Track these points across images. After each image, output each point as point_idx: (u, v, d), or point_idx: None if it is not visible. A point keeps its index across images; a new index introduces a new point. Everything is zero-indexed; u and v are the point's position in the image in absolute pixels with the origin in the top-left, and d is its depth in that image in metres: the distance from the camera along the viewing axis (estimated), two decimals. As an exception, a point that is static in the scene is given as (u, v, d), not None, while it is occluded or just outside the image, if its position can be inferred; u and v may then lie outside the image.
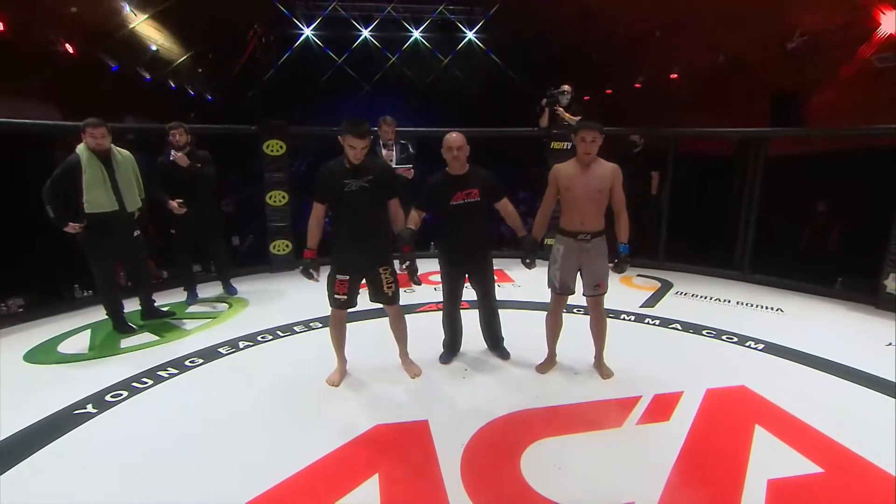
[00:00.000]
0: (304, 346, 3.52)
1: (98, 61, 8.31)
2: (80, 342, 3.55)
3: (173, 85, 11.15)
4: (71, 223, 3.45)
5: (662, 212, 5.56)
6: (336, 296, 2.84)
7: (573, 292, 2.97)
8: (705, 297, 4.58)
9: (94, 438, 2.40)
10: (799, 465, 2.21)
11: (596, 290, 2.92)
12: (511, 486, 2.07)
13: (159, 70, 10.06)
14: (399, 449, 2.32)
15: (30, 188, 5.17)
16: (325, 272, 2.84)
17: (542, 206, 3.01)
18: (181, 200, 4.11)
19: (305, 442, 2.35)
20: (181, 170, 4.12)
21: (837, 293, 4.62)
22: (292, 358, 3.33)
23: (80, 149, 3.50)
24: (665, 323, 3.90)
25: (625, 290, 4.76)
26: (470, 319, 3.33)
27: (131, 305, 4.00)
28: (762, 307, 4.34)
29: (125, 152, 3.68)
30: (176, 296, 4.53)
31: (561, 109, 5.53)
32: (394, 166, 4.44)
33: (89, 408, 2.64)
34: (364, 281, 2.88)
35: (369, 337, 3.40)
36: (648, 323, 3.92)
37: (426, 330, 3.36)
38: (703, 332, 3.70)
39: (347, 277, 2.81)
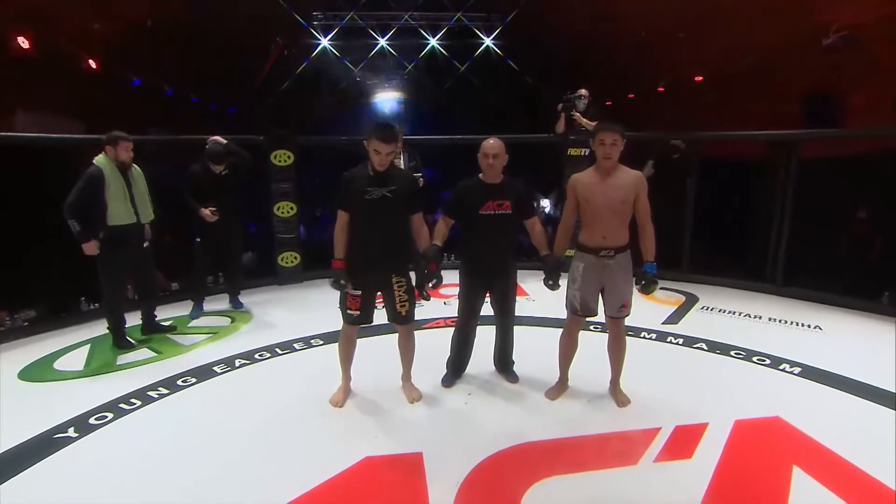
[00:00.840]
0: (302, 364, 3.37)
1: (120, 75, 8.48)
2: (78, 358, 3.48)
3: (195, 97, 11.36)
4: (93, 240, 3.44)
5: (687, 220, 5.25)
6: (349, 311, 2.68)
7: (595, 314, 2.72)
8: (734, 313, 4.25)
9: (69, 467, 2.27)
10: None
11: (620, 312, 2.67)
12: (508, 534, 1.84)
13: (180, 83, 10.22)
14: (387, 487, 2.12)
15: (44, 200, 5.26)
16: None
17: (562, 221, 2.77)
18: (214, 208, 4.10)
19: (288, 475, 2.17)
20: (212, 179, 4.14)
21: (884, 309, 4.22)
22: (288, 378, 3.17)
23: (102, 161, 3.49)
24: (689, 342, 3.60)
25: (646, 305, 4.43)
26: (480, 337, 3.10)
27: (133, 319, 3.92)
28: (798, 324, 3.99)
29: (136, 167, 3.68)
30: (181, 308, 4.45)
31: (578, 114, 5.29)
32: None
33: (70, 432, 2.52)
34: (380, 296, 2.72)
35: (376, 353, 3.18)
36: (671, 342, 3.62)
37: (434, 346, 3.14)
38: (732, 353, 3.39)
39: (360, 292, 2.65)
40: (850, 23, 5.82)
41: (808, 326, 3.94)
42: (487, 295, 2.95)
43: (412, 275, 2.77)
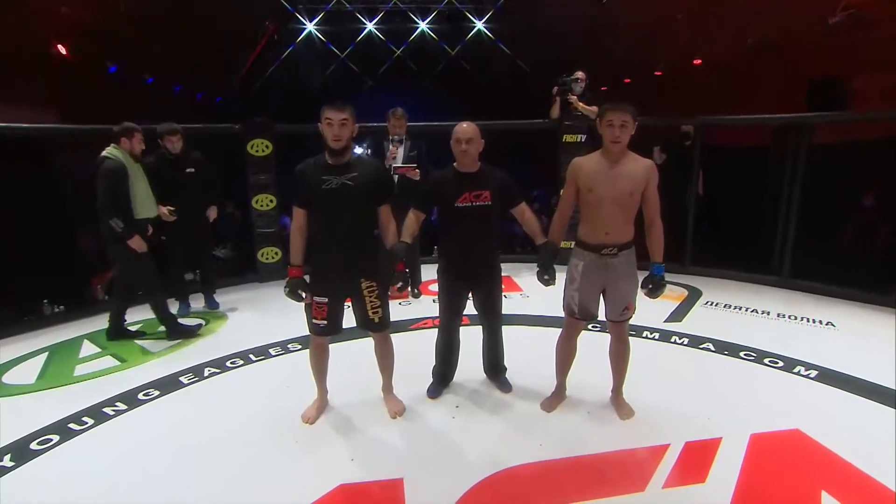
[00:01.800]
0: (277, 373, 3.09)
1: (96, 63, 8.06)
2: (31, 369, 3.19)
3: (177, 86, 10.93)
4: (136, 235, 3.33)
5: (688, 210, 4.99)
6: (314, 321, 2.40)
7: (595, 317, 2.46)
8: (740, 308, 4.00)
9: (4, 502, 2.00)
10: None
11: (623, 315, 2.41)
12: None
13: (162, 71, 9.79)
14: (362, 521, 1.86)
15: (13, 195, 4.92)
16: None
17: (558, 209, 2.48)
18: (171, 208, 3.79)
19: (251, 508, 1.92)
20: (169, 171, 3.83)
21: (896, 302, 3.99)
22: (260, 389, 2.90)
23: (116, 154, 3.34)
24: (695, 342, 3.35)
25: (647, 300, 4.16)
26: (469, 339, 2.84)
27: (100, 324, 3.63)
28: (809, 320, 3.75)
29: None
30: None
31: (574, 98, 4.98)
32: (397, 164, 3.98)
33: (6, 460, 2.24)
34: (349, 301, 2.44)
35: (358, 359, 2.88)
36: (675, 342, 3.37)
37: (421, 350, 2.88)
38: (741, 355, 3.15)
39: (326, 300, 2.37)
40: (857, 0, 5.53)
41: (820, 323, 3.71)
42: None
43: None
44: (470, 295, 2.66)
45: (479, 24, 11.43)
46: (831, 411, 2.53)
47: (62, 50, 7.15)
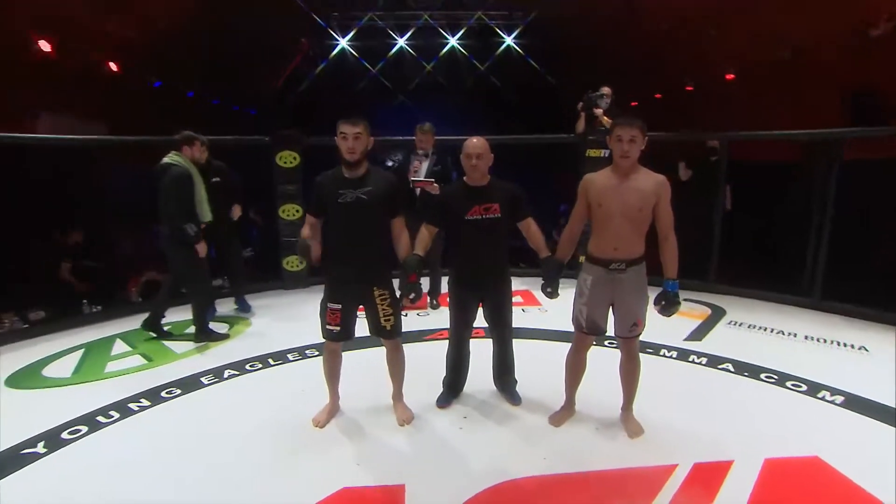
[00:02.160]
0: (294, 377, 3.18)
1: (141, 78, 8.55)
2: (68, 364, 3.39)
3: (215, 99, 11.45)
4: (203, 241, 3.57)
5: (714, 225, 4.87)
6: (328, 327, 2.48)
7: (604, 332, 2.45)
8: (765, 329, 3.87)
9: (30, 488, 2.13)
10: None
11: (632, 331, 2.39)
12: None
13: (201, 84, 10.29)
14: (361, 525, 1.90)
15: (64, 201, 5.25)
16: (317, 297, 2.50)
17: (569, 224, 2.49)
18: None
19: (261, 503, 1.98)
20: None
21: (939, 328, 3.78)
22: (278, 392, 2.99)
23: (180, 161, 3.55)
24: (714, 362, 3.26)
25: (669, 318, 4.11)
26: (481, 351, 2.86)
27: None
28: (839, 344, 3.59)
29: None
30: (183, 313, 4.34)
31: (600, 112, 4.98)
32: (416, 178, 4.06)
33: (40, 447, 2.39)
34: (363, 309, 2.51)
35: (370, 368, 2.94)
36: (693, 361, 3.29)
37: (434, 360, 2.88)
38: (762, 377, 3.04)
39: (340, 306, 2.45)
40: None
41: (852, 347, 3.55)
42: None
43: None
44: (480, 307, 2.69)
45: (509, 40, 11.51)
46: (855, 439, 2.42)
47: (113, 66, 7.64)
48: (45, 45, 6.38)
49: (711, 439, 2.38)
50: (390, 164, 4.36)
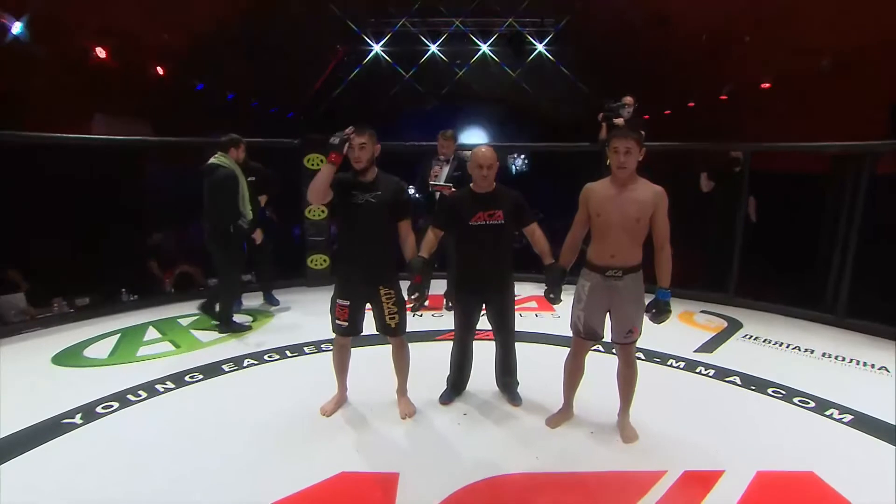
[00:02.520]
0: (308, 369, 3.36)
1: (185, 81, 9.05)
2: (106, 347, 3.67)
3: (254, 101, 11.97)
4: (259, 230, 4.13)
5: (735, 237, 4.79)
6: (337, 321, 2.64)
7: (601, 338, 2.51)
8: (781, 345, 3.80)
9: (67, 453, 2.37)
10: None
11: (627, 337, 2.44)
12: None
13: (240, 88, 10.79)
14: (354, 506, 2.03)
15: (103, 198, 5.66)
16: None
17: (570, 233, 2.56)
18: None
19: (261, 483, 2.14)
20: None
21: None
22: (291, 381, 3.18)
23: (227, 162, 3.84)
24: (721, 374, 3.25)
25: (682, 329, 4.11)
26: (487, 353, 2.96)
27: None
28: (858, 363, 3.50)
29: None
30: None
31: (621, 121, 4.99)
32: (435, 183, 4.19)
33: (77, 418, 2.64)
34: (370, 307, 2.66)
35: (378, 364, 3.10)
36: (700, 373, 3.29)
37: (443, 360, 2.98)
38: (769, 391, 3.01)
39: (348, 303, 2.60)
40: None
41: (872, 367, 3.45)
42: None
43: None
44: (484, 310, 2.80)
45: (540, 47, 11.54)
46: (857, 459, 2.38)
47: (160, 71, 8.14)
48: (100, 53, 6.89)
49: (706, 449, 2.40)
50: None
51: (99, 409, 2.74)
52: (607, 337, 2.49)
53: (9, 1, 5.36)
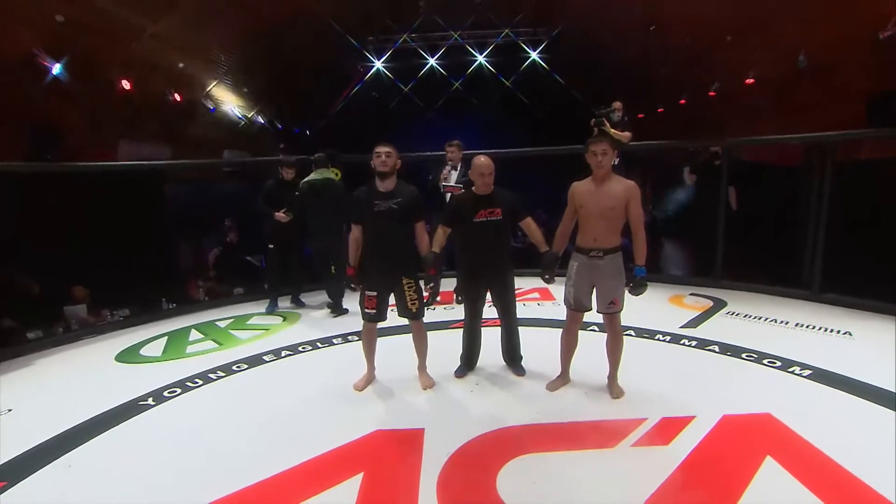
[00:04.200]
0: (338, 356, 3.83)
1: (198, 105, 9.64)
2: (158, 347, 4.17)
3: (262, 121, 12.58)
4: None
5: (719, 224, 5.23)
6: (366, 310, 3.12)
7: (588, 309, 2.97)
8: (760, 318, 4.23)
9: (148, 426, 2.86)
10: (804, 500, 2.03)
11: (610, 308, 2.89)
12: (481, 496, 2.13)
13: (250, 108, 11.39)
14: (389, 453, 2.49)
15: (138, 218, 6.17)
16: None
17: (561, 222, 3.05)
18: (285, 210, 4.80)
19: (312, 439, 2.60)
20: (284, 190, 4.88)
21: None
22: (326, 366, 3.65)
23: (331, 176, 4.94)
24: (702, 345, 3.68)
25: (671, 310, 4.54)
26: (495, 338, 3.42)
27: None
28: (827, 330, 3.92)
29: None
30: (257, 307, 5.15)
31: (607, 126, 5.45)
32: (447, 184, 4.80)
33: (150, 400, 3.13)
34: (393, 297, 3.12)
35: (401, 349, 3.55)
36: (684, 344, 3.72)
37: (456, 344, 3.43)
38: (743, 356, 3.44)
39: (375, 293, 3.08)
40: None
41: (838, 332, 3.86)
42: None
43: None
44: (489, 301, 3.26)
45: (534, 55, 12.05)
46: (811, 404, 2.81)
47: (177, 97, 8.73)
48: (125, 84, 7.47)
49: (681, 401, 2.83)
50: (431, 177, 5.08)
51: (165, 394, 3.22)
52: (594, 309, 2.94)
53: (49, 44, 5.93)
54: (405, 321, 3.22)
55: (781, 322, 4.12)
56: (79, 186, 5.69)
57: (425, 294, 3.17)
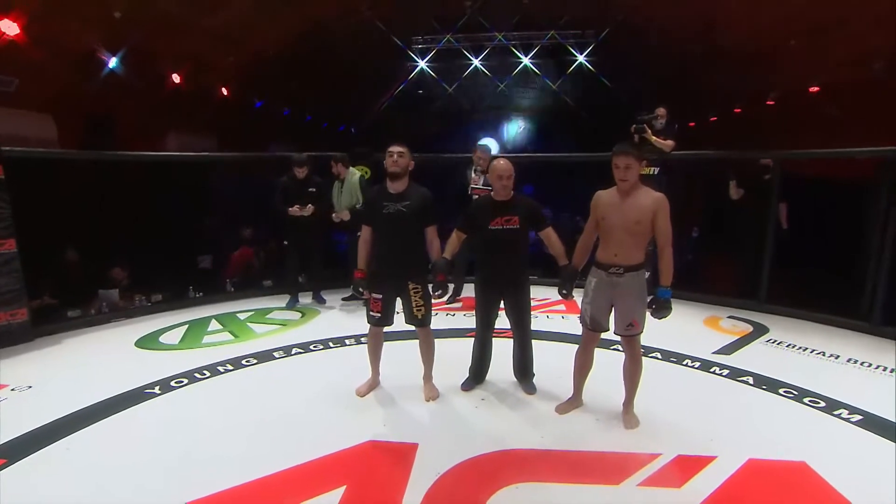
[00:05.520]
0: (347, 357, 3.76)
1: (246, 99, 9.93)
2: (177, 335, 4.25)
3: (308, 116, 12.86)
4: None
5: (767, 241, 4.80)
6: (371, 313, 3.02)
7: (606, 329, 2.76)
8: (804, 349, 3.83)
9: (146, 416, 2.87)
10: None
11: (628, 330, 2.67)
12: (466, 524, 1.98)
13: (295, 104, 11.65)
14: (377, 468, 2.37)
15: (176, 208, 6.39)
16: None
17: (582, 235, 2.85)
18: (299, 206, 4.81)
19: (302, 444, 2.52)
20: (298, 187, 4.86)
21: None
22: (332, 368, 3.59)
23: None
24: (735, 374, 3.35)
25: (706, 333, 4.20)
26: (507, 350, 3.24)
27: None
28: (885, 370, 3.49)
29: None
30: (278, 301, 5.17)
31: (648, 132, 5.14)
32: (475, 187, 4.78)
33: (156, 389, 3.16)
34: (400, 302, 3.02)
35: (412, 356, 3.36)
36: (714, 372, 3.41)
37: (469, 354, 3.27)
38: (780, 391, 3.11)
39: (381, 296, 2.98)
40: None
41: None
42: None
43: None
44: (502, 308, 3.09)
45: (581, 58, 11.68)
46: (856, 453, 2.47)
47: (224, 91, 9.01)
48: (176, 78, 7.78)
49: (703, 437, 2.56)
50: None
51: (173, 384, 3.25)
52: (612, 330, 2.72)
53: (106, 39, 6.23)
54: (421, 326, 3.09)
55: (831, 356, 3.71)
56: (128, 175, 5.97)
57: (434, 300, 3.04)
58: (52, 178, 5.49)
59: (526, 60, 12.16)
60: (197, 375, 3.38)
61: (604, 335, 2.80)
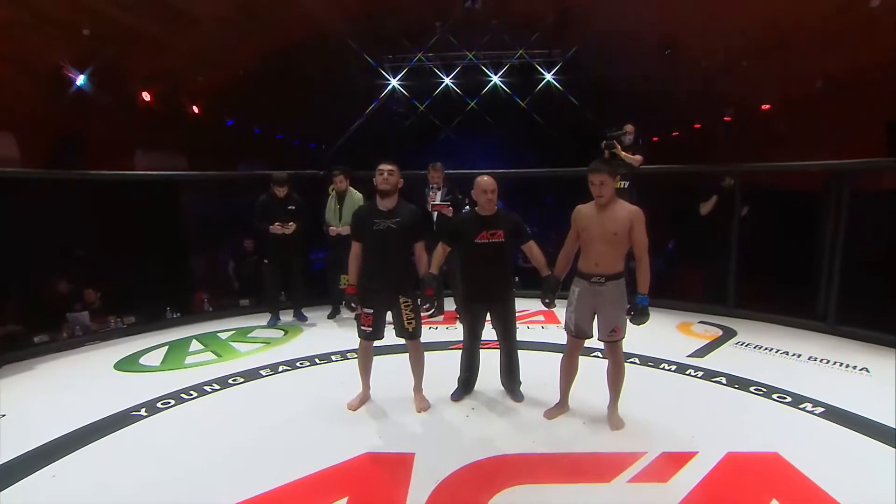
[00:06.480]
0: (335, 373, 3.77)
1: (217, 117, 9.83)
2: (157, 356, 4.17)
3: (280, 134, 12.80)
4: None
5: (732, 251, 5.10)
6: (362, 327, 3.07)
7: (589, 336, 2.89)
8: (771, 350, 4.08)
9: (136, 438, 2.83)
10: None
11: (611, 336, 2.81)
12: (469, 528, 2.05)
13: (266, 122, 11.59)
14: (377, 478, 2.42)
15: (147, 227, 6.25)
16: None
17: (563, 247, 2.99)
18: (280, 224, 4.78)
19: (299, 459, 2.54)
20: (278, 205, 4.86)
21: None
22: (321, 384, 3.60)
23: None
24: (709, 376, 3.55)
25: (678, 338, 4.41)
26: (494, 361, 3.34)
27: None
28: (842, 365, 3.76)
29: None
30: (259, 319, 5.14)
31: (618, 148, 5.39)
32: (435, 203, 4.91)
33: (143, 411, 3.10)
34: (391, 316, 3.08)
35: (400, 369, 3.43)
36: (689, 374, 3.59)
37: (455, 366, 3.36)
38: (751, 389, 3.31)
39: (372, 311, 3.03)
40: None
41: (854, 368, 3.70)
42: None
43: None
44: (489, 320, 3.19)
45: (549, 76, 12.10)
46: (821, 442, 2.67)
47: (195, 109, 8.93)
48: (146, 97, 7.67)
49: (684, 435, 2.72)
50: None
51: (159, 405, 3.20)
52: (595, 337, 2.86)
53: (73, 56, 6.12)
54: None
55: (794, 355, 3.97)
56: (98, 194, 5.82)
57: (423, 313, 3.11)
58: (12, 198, 5.31)
59: (495, 79, 12.54)
60: (184, 396, 3.33)
61: (585, 343, 2.94)
